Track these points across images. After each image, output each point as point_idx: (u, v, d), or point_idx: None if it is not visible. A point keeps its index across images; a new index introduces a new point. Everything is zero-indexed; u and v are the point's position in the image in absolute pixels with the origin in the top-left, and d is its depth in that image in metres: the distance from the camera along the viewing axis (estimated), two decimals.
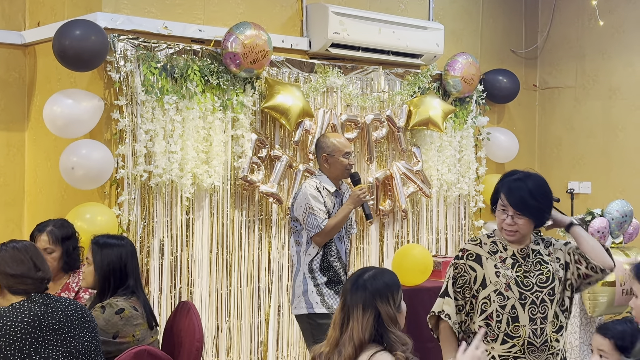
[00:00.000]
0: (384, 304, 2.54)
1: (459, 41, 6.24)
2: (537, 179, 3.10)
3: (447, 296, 3.15)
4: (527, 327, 3.03)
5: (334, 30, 5.20)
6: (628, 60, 6.31)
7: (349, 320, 2.56)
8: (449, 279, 3.16)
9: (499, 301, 3.05)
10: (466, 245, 3.19)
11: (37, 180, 5.03)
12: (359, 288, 2.58)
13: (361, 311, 2.54)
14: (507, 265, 3.08)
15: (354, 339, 2.52)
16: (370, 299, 2.54)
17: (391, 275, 2.65)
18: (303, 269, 4.29)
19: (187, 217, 4.76)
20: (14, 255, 2.92)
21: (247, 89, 4.94)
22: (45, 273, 2.96)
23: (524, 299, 3.04)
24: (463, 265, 3.13)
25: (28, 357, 2.76)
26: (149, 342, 3.29)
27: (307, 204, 4.21)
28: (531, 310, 3.04)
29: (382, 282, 2.59)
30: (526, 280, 3.06)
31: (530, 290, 3.05)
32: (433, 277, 4.71)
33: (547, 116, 6.82)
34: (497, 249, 3.12)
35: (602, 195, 6.31)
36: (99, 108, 4.46)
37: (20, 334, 2.76)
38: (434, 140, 5.88)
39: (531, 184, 3.05)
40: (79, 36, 4.23)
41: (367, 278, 2.60)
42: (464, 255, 3.15)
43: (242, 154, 4.93)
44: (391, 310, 2.55)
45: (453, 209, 6.11)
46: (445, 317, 3.12)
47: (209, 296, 4.86)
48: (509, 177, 3.12)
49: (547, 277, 3.08)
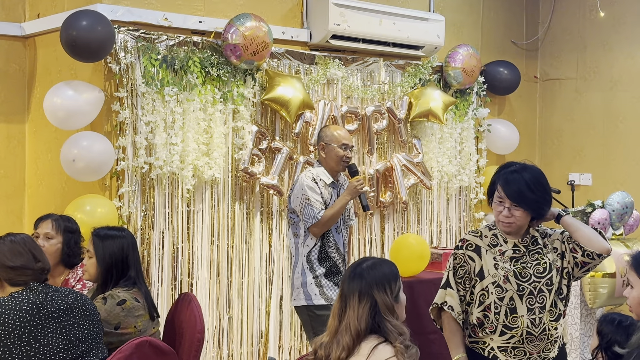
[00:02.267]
0: (381, 292, 2.55)
1: (459, 33, 6.23)
2: (534, 170, 3.09)
3: (449, 287, 3.14)
4: (525, 317, 3.04)
5: (334, 21, 5.19)
6: (629, 52, 6.30)
7: (347, 309, 2.56)
8: (449, 269, 3.16)
9: (497, 293, 3.05)
10: (466, 236, 3.19)
11: (38, 172, 5.03)
12: (356, 277, 2.59)
13: (357, 300, 2.55)
14: (506, 258, 3.08)
15: (351, 327, 2.53)
16: (366, 288, 2.55)
17: (390, 265, 2.66)
18: (301, 261, 4.29)
19: (188, 209, 4.76)
20: (12, 248, 2.93)
21: (247, 80, 4.93)
22: (45, 264, 2.97)
23: (521, 290, 3.04)
24: (462, 255, 3.13)
25: (28, 344, 2.78)
26: (150, 333, 3.30)
27: (304, 195, 4.21)
28: (529, 301, 3.04)
29: (379, 271, 2.59)
30: (524, 271, 3.06)
31: (528, 281, 3.05)
32: (433, 268, 4.72)
33: (548, 108, 6.81)
34: (497, 241, 3.12)
35: (603, 187, 6.31)
36: (99, 100, 4.46)
37: (19, 322, 2.78)
38: (434, 132, 5.88)
39: (528, 175, 3.04)
40: (86, 27, 4.21)
41: (365, 267, 2.61)
42: (464, 245, 3.15)
43: (242, 146, 4.92)
44: (388, 300, 2.55)
45: (453, 200, 6.11)
46: (449, 308, 3.12)
47: (209, 288, 4.86)
48: (505, 169, 3.11)
49: (544, 268, 3.08)
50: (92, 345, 2.96)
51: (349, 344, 2.52)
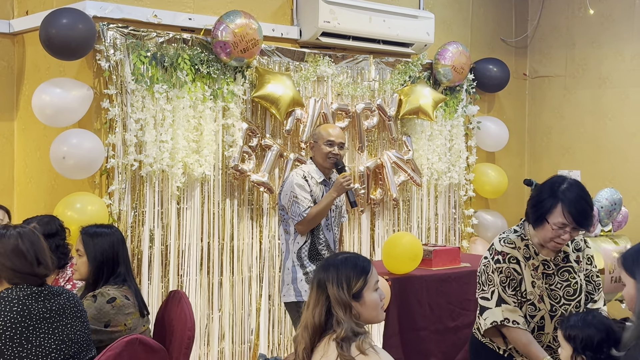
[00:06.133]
0: (334, 287, 2.42)
1: (449, 30, 6.24)
2: (582, 185, 2.97)
3: (504, 303, 2.99)
4: (550, 334, 3.05)
5: (324, 19, 5.19)
6: (617, 49, 6.33)
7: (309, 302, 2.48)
8: (496, 286, 3.00)
9: (530, 311, 3.01)
10: (503, 247, 3.03)
11: (27, 170, 5.01)
12: (320, 269, 2.50)
13: (315, 292, 2.46)
14: (538, 274, 3.02)
15: (307, 322, 2.44)
16: (323, 281, 2.45)
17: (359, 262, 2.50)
18: (292, 257, 4.29)
19: (178, 207, 4.75)
20: (16, 248, 2.83)
21: (237, 78, 4.93)
22: (47, 268, 2.88)
23: (554, 312, 3.02)
24: (508, 269, 3.00)
25: (20, 345, 2.75)
26: (140, 330, 3.29)
27: (292, 192, 4.21)
28: (557, 322, 3.02)
29: (343, 266, 2.46)
30: (554, 293, 3.02)
31: (558, 303, 3.03)
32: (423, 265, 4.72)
33: (537, 105, 6.84)
34: (530, 254, 3.02)
35: (592, 184, 6.28)
36: (88, 97, 4.44)
37: (10, 323, 2.74)
38: (424, 129, 5.89)
39: (583, 193, 2.93)
40: (66, 25, 4.21)
41: (332, 262, 2.50)
42: (505, 258, 3.01)
43: (232, 143, 4.92)
44: (343, 296, 2.41)
45: (443, 197, 6.13)
46: (514, 324, 2.97)
47: (200, 285, 4.86)
48: (560, 187, 2.92)
49: (574, 290, 3.05)
50: (84, 347, 2.94)
51: (305, 337, 2.43)
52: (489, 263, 3.04)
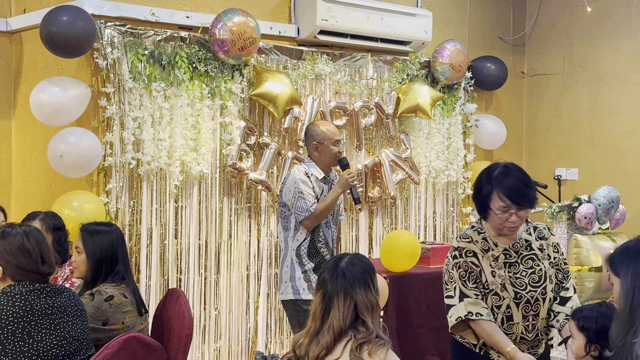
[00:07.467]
0: (362, 290, 2.55)
1: (447, 28, 6.24)
2: (516, 166, 3.02)
3: (466, 297, 3.02)
4: (520, 324, 3.04)
5: (322, 17, 5.19)
6: (615, 47, 6.33)
7: (331, 309, 2.56)
8: (456, 282, 3.04)
9: (495, 301, 3.02)
10: (459, 243, 3.08)
11: (25, 169, 5.00)
12: (339, 276, 2.58)
13: (342, 299, 2.55)
14: (499, 264, 3.03)
15: (334, 327, 2.53)
16: (350, 287, 2.56)
17: (365, 260, 2.65)
18: (290, 255, 4.29)
19: (176, 205, 4.75)
20: (22, 246, 2.87)
21: (235, 76, 4.93)
22: (50, 266, 2.92)
23: (518, 299, 3.01)
24: (465, 263, 3.03)
25: (21, 340, 2.77)
26: (138, 329, 3.30)
27: (297, 188, 4.21)
28: (524, 309, 3.03)
29: (359, 268, 2.60)
30: (519, 280, 3.03)
31: (524, 289, 3.03)
32: (421, 263, 4.73)
33: (535, 103, 6.84)
34: (489, 246, 3.05)
35: (589, 182, 6.35)
36: (86, 95, 4.44)
37: (12, 318, 2.77)
38: (422, 127, 5.89)
39: (518, 174, 2.98)
40: (66, 22, 4.21)
41: (344, 265, 2.60)
42: (462, 253, 3.05)
43: (230, 142, 4.92)
44: (371, 295, 2.56)
45: (441, 195, 6.13)
46: (477, 316, 2.99)
47: (198, 283, 4.86)
48: (491, 174, 2.99)
49: (539, 277, 3.05)
50: (84, 345, 2.96)
51: (329, 342, 2.52)
52: (449, 261, 3.10)
